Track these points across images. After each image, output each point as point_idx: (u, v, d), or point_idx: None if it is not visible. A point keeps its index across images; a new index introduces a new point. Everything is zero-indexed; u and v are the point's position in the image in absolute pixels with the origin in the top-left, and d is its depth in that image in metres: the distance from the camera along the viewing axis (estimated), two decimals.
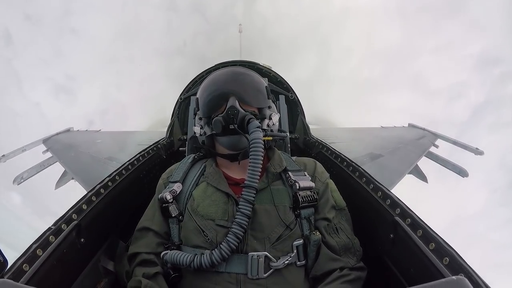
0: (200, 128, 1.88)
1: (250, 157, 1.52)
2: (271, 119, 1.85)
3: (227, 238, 1.48)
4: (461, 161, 5.39)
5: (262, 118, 1.82)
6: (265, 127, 1.81)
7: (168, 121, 3.61)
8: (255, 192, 1.52)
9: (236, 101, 1.70)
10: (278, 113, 1.95)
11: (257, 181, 1.52)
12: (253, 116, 1.67)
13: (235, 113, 1.66)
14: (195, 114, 1.95)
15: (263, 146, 1.53)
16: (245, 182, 1.52)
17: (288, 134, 1.90)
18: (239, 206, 1.51)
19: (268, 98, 1.88)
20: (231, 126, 1.66)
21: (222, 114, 1.69)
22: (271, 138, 1.81)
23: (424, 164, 5.14)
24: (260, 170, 1.52)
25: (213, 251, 1.49)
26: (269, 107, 1.88)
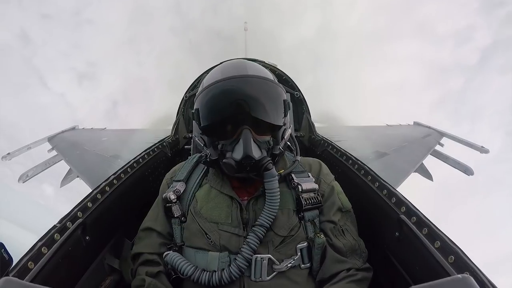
0: (204, 145, 1.69)
1: (266, 204, 1.52)
2: (283, 138, 1.67)
3: (229, 268, 1.47)
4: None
5: (276, 144, 1.62)
6: (277, 151, 1.60)
7: (168, 119, 3.61)
8: (266, 231, 1.50)
9: (252, 140, 1.49)
10: (290, 125, 1.80)
11: (271, 222, 1.51)
12: (270, 161, 1.51)
13: (251, 164, 1.48)
14: (193, 119, 1.69)
15: (279, 195, 1.52)
16: (260, 220, 1.51)
17: (299, 158, 1.76)
18: (248, 240, 1.49)
19: (285, 115, 1.65)
20: (243, 171, 1.51)
21: (234, 157, 1.49)
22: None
23: (428, 161, 5.13)
24: (275, 216, 1.52)
25: (214, 274, 1.47)
26: (284, 124, 1.66)
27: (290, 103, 1.81)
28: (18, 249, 1.30)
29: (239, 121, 1.52)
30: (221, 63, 3.29)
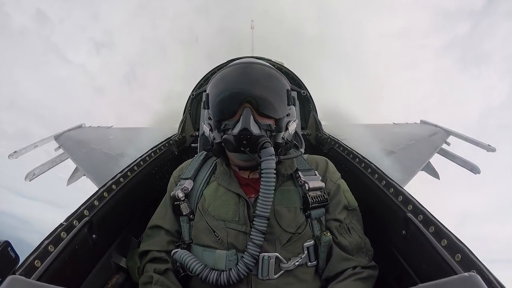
0: (210, 130, 1.72)
1: (261, 187, 1.48)
2: (288, 129, 1.69)
3: (237, 267, 1.46)
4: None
5: (278, 130, 1.64)
6: (279, 140, 1.65)
7: (172, 116, 3.62)
8: (267, 221, 1.48)
9: (251, 115, 1.54)
10: (296, 119, 1.81)
11: (269, 210, 1.48)
12: (268, 140, 1.52)
13: (248, 137, 1.51)
14: (204, 108, 1.77)
15: (275, 176, 1.48)
16: (256, 211, 1.48)
17: (302, 150, 1.77)
18: (251, 236, 1.48)
19: (289, 104, 1.69)
20: (242, 149, 1.53)
21: (233, 132, 1.54)
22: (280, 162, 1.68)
23: (434, 159, 5.12)
24: (272, 199, 1.49)
25: (222, 274, 1.47)
26: (288, 115, 1.71)
27: (295, 98, 1.82)
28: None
29: (242, 101, 1.57)
30: (227, 61, 3.31)
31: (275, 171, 1.47)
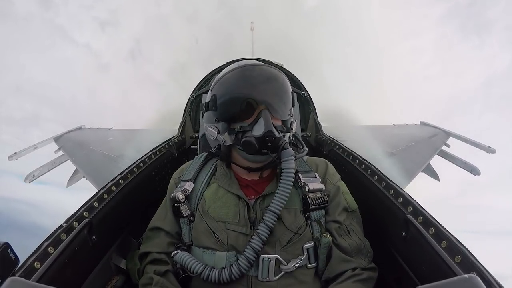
0: (218, 133, 1.67)
1: (280, 185, 1.50)
2: (292, 129, 1.72)
3: (238, 262, 1.46)
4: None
5: (286, 131, 1.67)
6: (287, 140, 1.64)
7: (172, 117, 3.62)
8: (277, 218, 1.49)
9: (270, 119, 1.53)
10: (296, 119, 1.83)
11: (282, 208, 1.49)
12: (287, 141, 1.55)
13: (273, 140, 1.50)
14: (206, 110, 1.72)
15: (293, 175, 1.50)
16: (270, 207, 1.49)
17: (306, 148, 1.78)
18: (257, 230, 1.48)
19: (293, 106, 1.73)
20: (264, 150, 1.53)
21: (255, 134, 1.52)
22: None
23: (434, 160, 5.13)
24: (288, 197, 1.50)
25: (223, 270, 1.47)
26: (292, 115, 1.74)
27: (295, 98, 1.83)
28: None
29: (258, 102, 1.57)
30: (227, 63, 3.30)
31: (294, 170, 1.50)
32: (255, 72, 1.64)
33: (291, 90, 1.71)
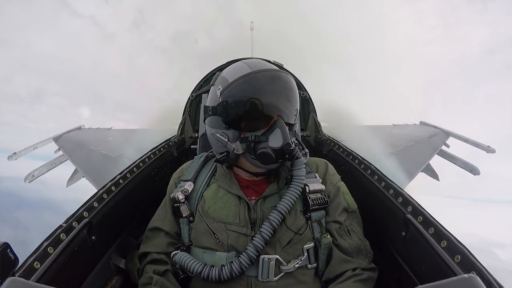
0: (228, 141, 1.58)
1: (290, 190, 1.53)
2: (296, 131, 1.70)
3: (239, 258, 1.46)
4: None
5: (293, 135, 1.64)
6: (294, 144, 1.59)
7: (170, 117, 3.62)
8: (282, 218, 1.50)
9: (287, 130, 1.52)
10: (297, 121, 1.79)
11: (288, 210, 1.51)
12: (299, 150, 1.56)
13: (290, 151, 1.48)
14: (209, 112, 1.64)
15: (304, 183, 1.54)
16: (277, 206, 1.50)
17: (307, 150, 1.76)
18: (261, 229, 1.48)
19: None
20: (280, 160, 1.54)
21: (272, 146, 1.48)
22: None
23: (433, 160, 5.14)
24: (295, 202, 1.53)
25: (224, 268, 1.47)
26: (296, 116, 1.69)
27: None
28: None
29: (272, 111, 1.52)
30: (227, 62, 3.29)
31: (304, 178, 1.54)
32: (269, 79, 1.55)
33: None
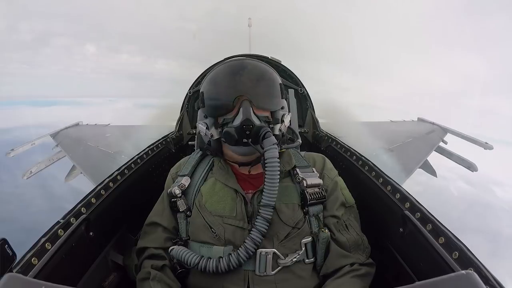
0: (206, 128, 1.68)
1: (266, 177, 1.48)
2: (283, 121, 1.70)
3: (238, 251, 1.46)
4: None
5: (275, 123, 1.66)
6: (277, 132, 1.64)
7: (170, 113, 3.61)
8: (272, 210, 1.49)
9: (251, 108, 1.55)
10: (290, 113, 1.82)
11: (275, 199, 1.48)
12: (269, 129, 1.53)
13: (250, 128, 1.51)
14: (198, 108, 1.77)
15: (279, 164, 1.47)
16: (262, 200, 1.48)
17: (300, 141, 1.78)
18: (255, 223, 1.48)
19: (282, 98, 1.71)
20: (245, 140, 1.53)
21: (234, 125, 1.54)
22: (284, 150, 1.72)
23: (431, 156, 5.14)
24: (277, 188, 1.49)
25: (221, 260, 1.47)
26: (282, 108, 1.72)
27: (288, 92, 1.83)
28: None
29: (239, 94, 1.58)
30: (225, 58, 3.29)
31: (279, 160, 1.47)
32: (237, 66, 1.68)
33: (281, 84, 1.72)
